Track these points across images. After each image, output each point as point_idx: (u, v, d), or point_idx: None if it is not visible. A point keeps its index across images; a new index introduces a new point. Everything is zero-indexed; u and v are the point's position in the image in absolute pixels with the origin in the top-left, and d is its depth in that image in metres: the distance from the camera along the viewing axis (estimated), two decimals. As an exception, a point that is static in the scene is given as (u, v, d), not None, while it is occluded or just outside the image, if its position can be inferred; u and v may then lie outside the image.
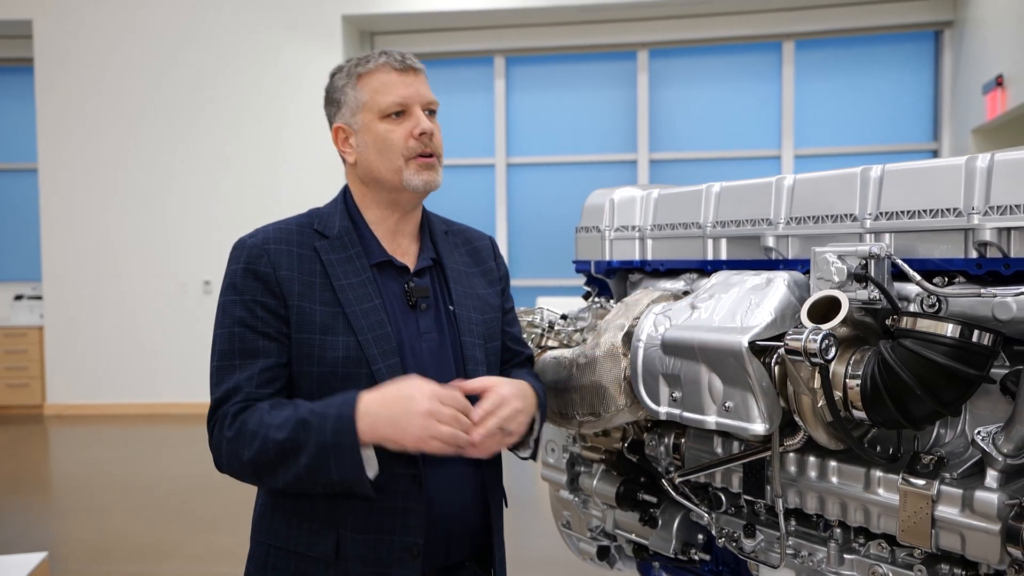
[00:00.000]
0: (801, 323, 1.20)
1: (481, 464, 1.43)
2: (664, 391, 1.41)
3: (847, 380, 1.21)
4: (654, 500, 1.78)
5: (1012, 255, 1.18)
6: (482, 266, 1.55)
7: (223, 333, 1.32)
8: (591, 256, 1.90)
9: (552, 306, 1.98)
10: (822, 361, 1.13)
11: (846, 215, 1.38)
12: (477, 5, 7.16)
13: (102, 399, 7.40)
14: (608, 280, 1.91)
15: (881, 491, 1.27)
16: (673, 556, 1.76)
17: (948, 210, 1.24)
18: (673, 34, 7.38)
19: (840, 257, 1.26)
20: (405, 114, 1.37)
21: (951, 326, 1.13)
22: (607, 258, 1.86)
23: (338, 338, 1.27)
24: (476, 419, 1.26)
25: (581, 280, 2.02)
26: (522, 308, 1.90)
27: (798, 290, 1.34)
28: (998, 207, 1.18)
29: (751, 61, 7.42)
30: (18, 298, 7.81)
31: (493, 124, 7.71)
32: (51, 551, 2.95)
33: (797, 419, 1.26)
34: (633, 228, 1.82)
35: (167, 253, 7.34)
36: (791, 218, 1.48)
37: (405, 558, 1.30)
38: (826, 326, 1.16)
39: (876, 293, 1.23)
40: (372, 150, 1.38)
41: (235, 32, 7.26)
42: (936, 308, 1.22)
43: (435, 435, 1.20)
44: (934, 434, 1.29)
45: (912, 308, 1.25)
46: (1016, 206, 1.16)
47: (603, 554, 2.01)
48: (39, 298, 7.67)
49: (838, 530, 1.38)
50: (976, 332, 1.12)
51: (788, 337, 1.17)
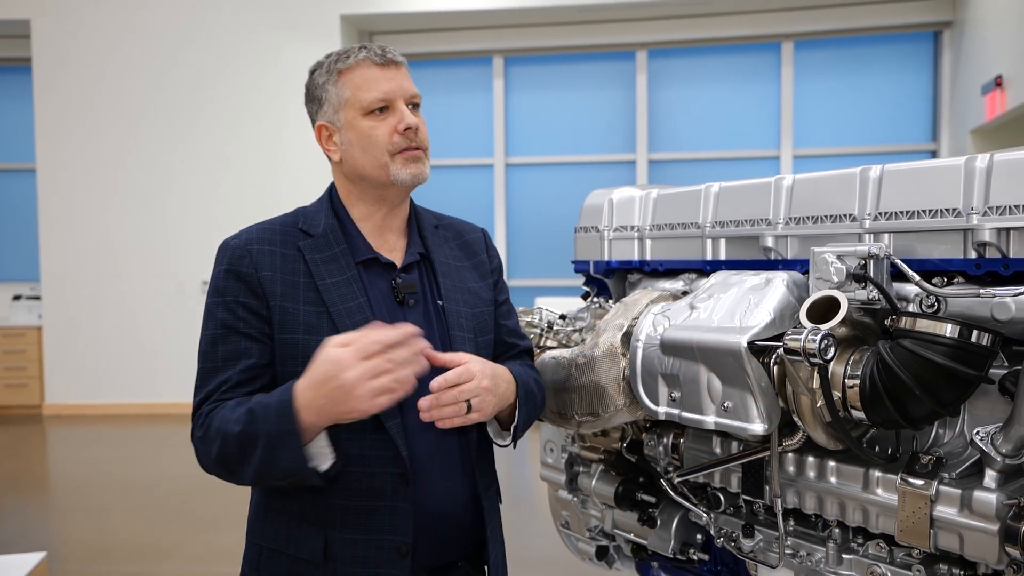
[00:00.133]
0: (800, 323, 1.20)
1: (472, 463, 1.41)
2: (663, 391, 1.41)
3: (846, 380, 1.21)
4: (653, 500, 1.78)
5: (1011, 255, 1.18)
6: (473, 259, 1.53)
7: (207, 335, 1.33)
8: (590, 256, 1.90)
9: (551, 306, 1.97)
10: (821, 361, 1.13)
11: (845, 215, 1.38)
12: (476, 5, 7.15)
13: (101, 399, 7.39)
14: (607, 280, 1.91)
15: (880, 491, 1.27)
16: (672, 556, 1.76)
17: (947, 210, 1.24)
18: (672, 34, 7.38)
19: (839, 257, 1.26)
20: (388, 109, 1.35)
21: (950, 326, 1.13)
22: (606, 258, 1.86)
23: (322, 337, 1.24)
24: (434, 388, 1.23)
25: (580, 280, 2.01)
26: (521, 308, 1.89)
27: (797, 290, 1.34)
28: (997, 207, 1.18)
29: (750, 61, 7.42)
30: (17, 298, 7.79)
31: (492, 124, 7.71)
32: (50, 551, 2.95)
33: (796, 419, 1.26)
34: (632, 228, 1.82)
35: (166, 253, 7.33)
36: (790, 218, 1.48)
37: (394, 558, 1.29)
38: (825, 326, 1.16)
39: (875, 293, 1.23)
40: (357, 147, 1.36)
41: (235, 32, 7.25)
42: (935, 308, 1.22)
43: (376, 391, 1.14)
44: (933, 434, 1.29)
45: (911, 308, 1.25)
46: (1015, 206, 1.16)
47: (602, 554, 2.01)
48: (38, 298, 7.66)
49: (837, 530, 1.38)
50: (975, 332, 1.12)
51: (787, 337, 1.18)
